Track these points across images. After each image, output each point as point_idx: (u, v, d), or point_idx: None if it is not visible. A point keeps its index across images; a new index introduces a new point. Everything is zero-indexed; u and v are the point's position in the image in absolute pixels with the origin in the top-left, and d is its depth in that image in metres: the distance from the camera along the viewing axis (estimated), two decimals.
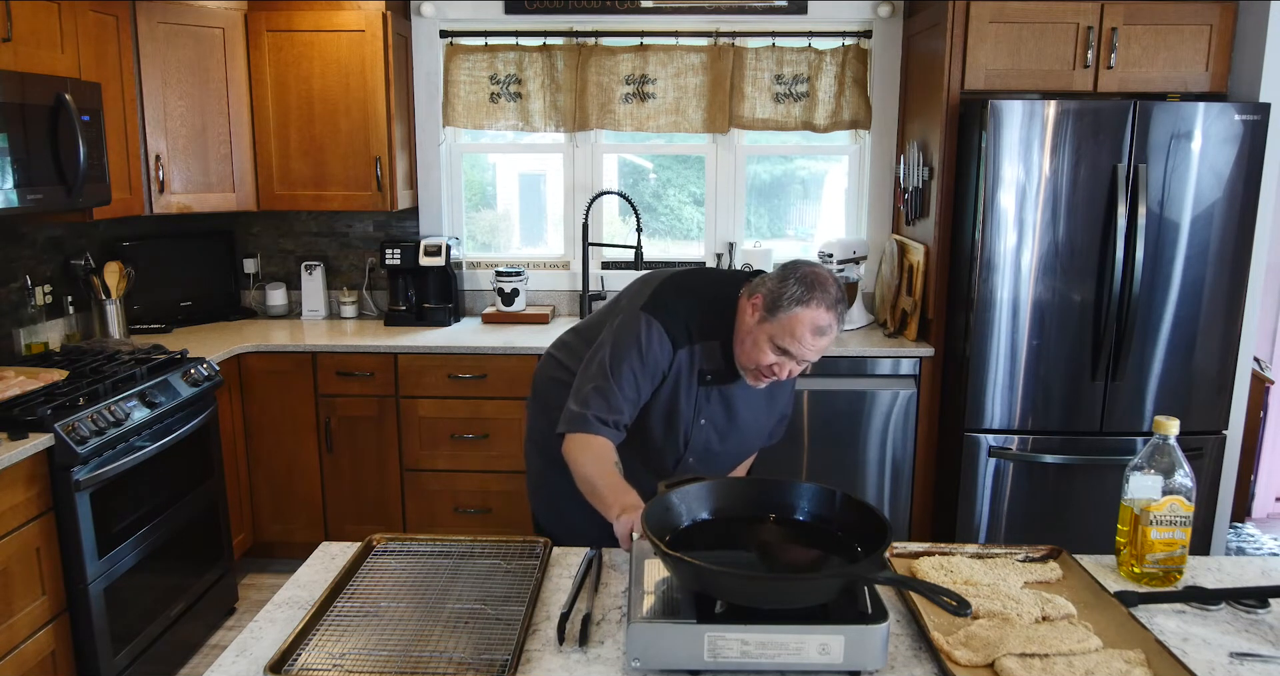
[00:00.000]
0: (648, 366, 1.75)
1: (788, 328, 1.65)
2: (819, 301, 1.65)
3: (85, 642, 2.41)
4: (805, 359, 1.69)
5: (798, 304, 1.65)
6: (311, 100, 3.49)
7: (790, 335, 1.66)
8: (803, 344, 1.66)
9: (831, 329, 1.67)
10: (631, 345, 1.75)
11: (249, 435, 3.41)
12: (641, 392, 1.76)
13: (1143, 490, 1.44)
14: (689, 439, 1.85)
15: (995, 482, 3.09)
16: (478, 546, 1.56)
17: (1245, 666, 1.22)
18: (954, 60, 3.08)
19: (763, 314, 1.69)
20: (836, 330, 1.69)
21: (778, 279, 1.70)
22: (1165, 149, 2.87)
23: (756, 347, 1.70)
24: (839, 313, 1.68)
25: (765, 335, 1.68)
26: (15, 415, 2.28)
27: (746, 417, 1.89)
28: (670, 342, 1.77)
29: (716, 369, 1.80)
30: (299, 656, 1.22)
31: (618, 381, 1.73)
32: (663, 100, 3.72)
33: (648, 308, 1.78)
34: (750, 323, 1.71)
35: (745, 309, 1.73)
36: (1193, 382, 3.01)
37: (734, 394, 1.85)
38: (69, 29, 2.73)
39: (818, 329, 1.65)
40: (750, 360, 1.72)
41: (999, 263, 2.96)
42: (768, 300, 1.68)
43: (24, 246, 3.10)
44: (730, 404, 1.85)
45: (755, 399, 1.88)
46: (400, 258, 3.67)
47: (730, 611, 1.16)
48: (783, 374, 1.71)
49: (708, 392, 1.82)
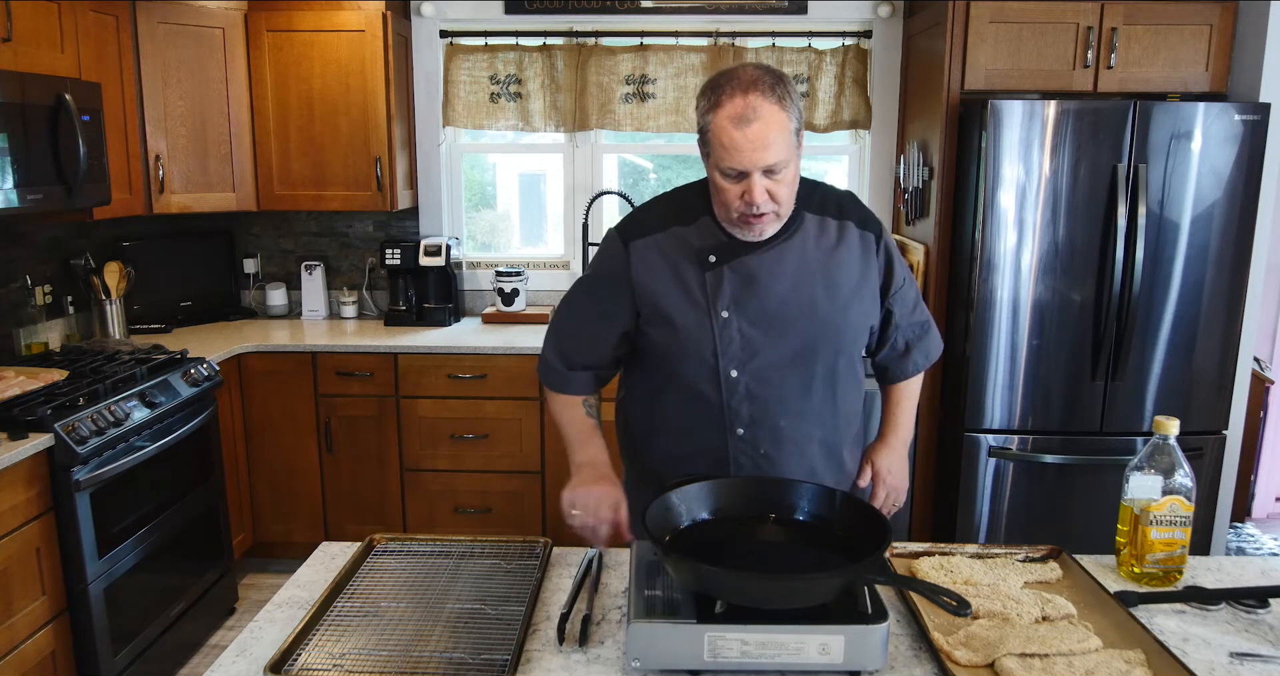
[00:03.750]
0: (601, 277, 1.60)
1: (718, 141, 1.40)
2: (729, 90, 1.40)
3: (85, 642, 2.41)
4: (758, 163, 1.39)
5: (710, 111, 1.41)
6: (311, 100, 3.49)
7: (723, 146, 1.40)
8: (738, 146, 1.38)
9: (759, 109, 1.37)
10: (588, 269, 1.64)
11: (249, 435, 3.41)
12: (604, 311, 1.60)
13: (1143, 490, 1.43)
14: (718, 344, 1.54)
15: (995, 482, 3.09)
16: (478, 546, 1.56)
17: (1245, 666, 1.22)
18: (954, 60, 3.08)
19: (703, 150, 1.48)
20: (776, 109, 1.39)
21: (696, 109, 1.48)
22: (1165, 149, 2.87)
23: (719, 189, 1.46)
24: (765, 88, 1.39)
25: (714, 170, 1.45)
26: (15, 415, 2.28)
27: (781, 293, 1.53)
28: (620, 241, 1.58)
29: (717, 244, 1.54)
30: (299, 656, 1.22)
31: (567, 313, 1.65)
32: (663, 100, 3.72)
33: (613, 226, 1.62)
34: (707, 171, 1.49)
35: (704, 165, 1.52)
36: (1193, 382, 3.01)
37: (754, 268, 1.53)
38: (69, 29, 2.73)
39: (739, 118, 1.37)
40: (725, 208, 1.48)
41: (999, 263, 2.96)
42: (699, 134, 1.47)
43: (24, 246, 3.10)
44: (753, 278, 1.53)
45: (788, 270, 1.54)
46: (400, 258, 3.67)
47: (730, 611, 1.16)
48: (757, 196, 1.42)
49: (718, 275, 1.53)
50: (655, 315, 1.57)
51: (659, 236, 1.57)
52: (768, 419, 1.58)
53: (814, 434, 1.62)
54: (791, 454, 1.61)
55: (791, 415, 1.59)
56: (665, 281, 1.55)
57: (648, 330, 1.59)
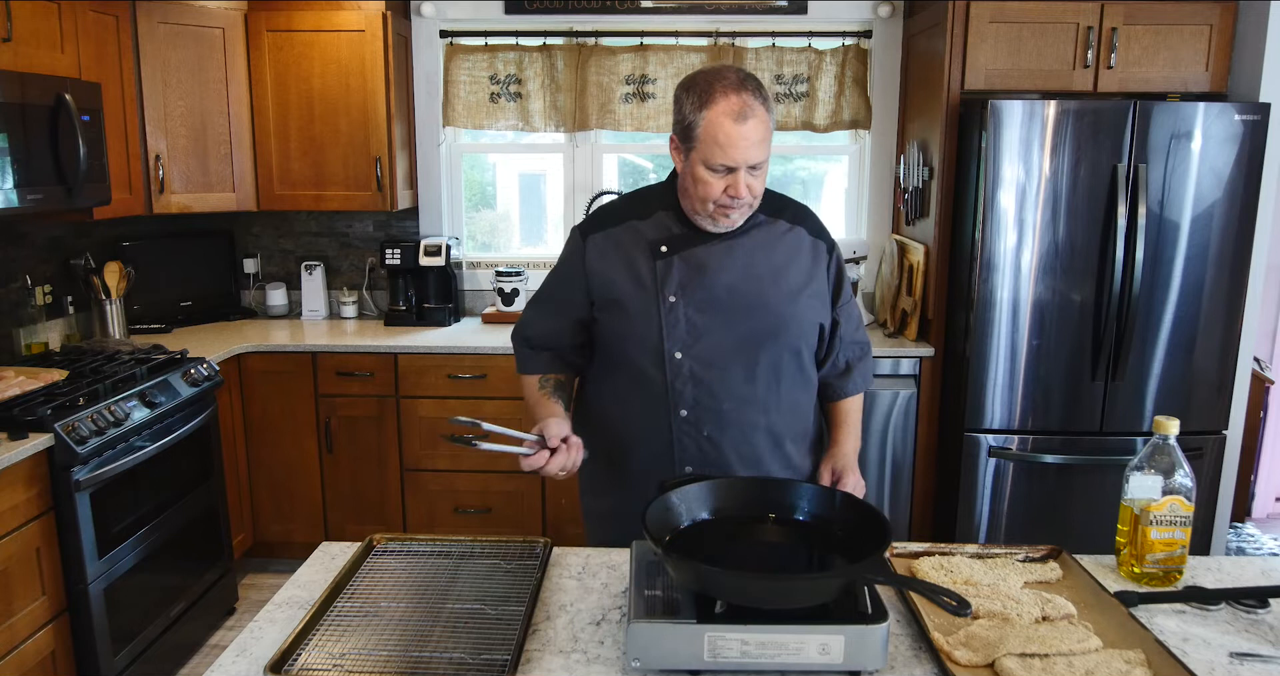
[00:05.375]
0: (561, 269, 1.73)
1: (711, 136, 1.48)
2: (721, 89, 1.48)
3: (85, 643, 2.41)
4: (750, 159, 1.50)
5: (703, 108, 1.49)
6: (311, 100, 3.49)
7: (715, 143, 1.48)
8: (733, 143, 1.47)
9: (754, 108, 1.48)
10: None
11: (249, 435, 3.40)
12: (562, 299, 1.72)
13: (1143, 490, 1.43)
14: (664, 326, 1.61)
15: (995, 482, 3.09)
16: (478, 546, 1.56)
17: (1245, 666, 1.22)
18: (954, 60, 3.08)
19: (684, 147, 1.55)
20: (764, 109, 1.50)
21: (675, 107, 1.56)
22: (1165, 149, 2.87)
23: (700, 183, 1.53)
24: (753, 89, 1.49)
25: (699, 164, 1.52)
26: (15, 415, 2.28)
27: (730, 282, 1.62)
28: (580, 235, 1.69)
29: (669, 236, 1.63)
30: (299, 656, 1.22)
31: (533, 300, 1.79)
32: (663, 100, 3.72)
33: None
34: (683, 165, 1.57)
35: (674, 159, 1.60)
36: (1193, 382, 3.01)
37: (703, 258, 1.62)
38: (69, 29, 2.73)
39: (738, 115, 1.47)
40: (703, 202, 1.56)
41: (999, 263, 2.96)
42: (678, 130, 1.55)
43: (24, 246, 3.10)
44: (702, 268, 1.62)
45: (737, 262, 1.63)
46: (400, 258, 3.67)
47: (730, 611, 1.16)
48: (741, 191, 1.52)
49: (668, 264, 1.62)
50: (606, 301, 1.67)
51: (615, 230, 1.68)
52: (711, 402, 1.64)
53: (758, 421, 1.67)
54: (735, 437, 1.66)
55: (735, 399, 1.64)
56: (617, 269, 1.65)
57: (600, 316, 1.69)
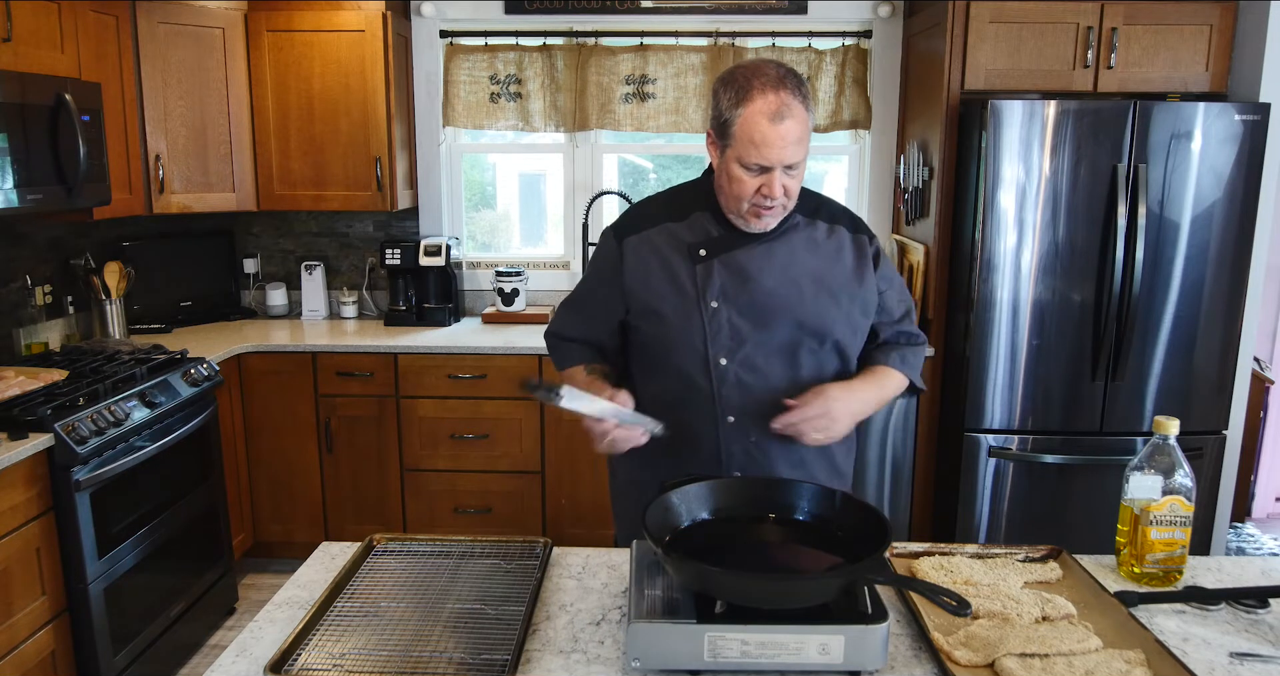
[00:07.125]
0: (596, 272, 1.70)
1: (746, 135, 1.46)
2: (759, 86, 1.45)
3: (85, 642, 2.41)
4: (785, 159, 1.46)
5: (739, 105, 1.46)
6: (311, 100, 3.49)
7: (752, 141, 1.46)
8: (769, 143, 1.45)
9: (792, 107, 1.45)
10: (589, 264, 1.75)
11: (249, 435, 3.40)
12: (599, 300, 1.69)
13: (1143, 490, 1.43)
14: (707, 332, 1.58)
15: (995, 482, 3.09)
16: (478, 546, 1.56)
17: (1245, 666, 1.22)
18: (954, 60, 3.08)
19: (720, 143, 1.52)
20: (802, 108, 1.47)
21: (712, 101, 1.53)
22: (1165, 149, 2.87)
23: (734, 181, 1.51)
24: (793, 87, 1.46)
25: (734, 162, 1.50)
26: (15, 415, 2.28)
27: (770, 286, 1.59)
28: (615, 238, 1.66)
29: (707, 238, 1.61)
30: (299, 656, 1.22)
31: (572, 296, 1.78)
32: (663, 100, 3.72)
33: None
34: (719, 162, 1.54)
35: (710, 154, 1.58)
36: (1193, 382, 3.01)
37: (743, 261, 1.59)
38: (69, 29, 2.73)
39: (774, 114, 1.44)
40: (736, 200, 1.53)
41: (999, 263, 2.96)
42: (715, 126, 1.52)
43: (24, 246, 3.10)
44: (743, 272, 1.59)
45: (776, 265, 1.60)
46: (400, 258, 3.67)
47: (730, 611, 1.16)
48: (775, 191, 1.49)
49: (708, 268, 1.59)
50: (644, 309, 1.64)
51: (650, 232, 1.64)
52: (758, 407, 1.61)
53: None
54: (782, 442, 1.62)
55: (781, 405, 1.60)
56: (655, 274, 1.62)
57: (638, 323, 1.66)
